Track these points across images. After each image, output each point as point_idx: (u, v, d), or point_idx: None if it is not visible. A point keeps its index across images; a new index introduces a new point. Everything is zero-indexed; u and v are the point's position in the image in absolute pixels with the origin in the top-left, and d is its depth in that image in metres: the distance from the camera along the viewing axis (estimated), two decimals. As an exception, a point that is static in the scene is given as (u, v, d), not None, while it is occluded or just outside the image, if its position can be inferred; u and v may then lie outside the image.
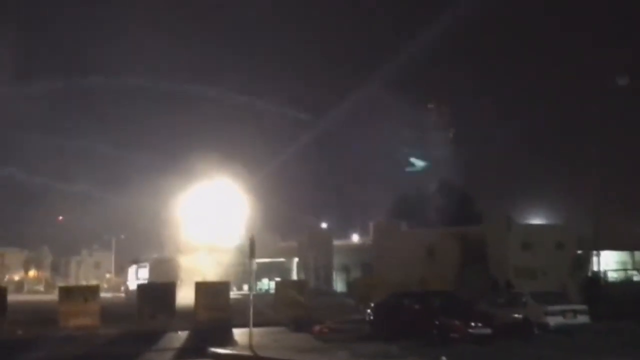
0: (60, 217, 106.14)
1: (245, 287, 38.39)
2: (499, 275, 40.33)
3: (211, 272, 59.95)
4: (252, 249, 21.32)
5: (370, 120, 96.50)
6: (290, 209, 76.54)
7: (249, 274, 23.11)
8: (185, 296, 32.50)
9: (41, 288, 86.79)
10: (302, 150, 79.24)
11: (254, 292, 23.78)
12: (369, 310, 24.92)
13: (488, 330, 21.49)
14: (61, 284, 48.26)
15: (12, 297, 33.13)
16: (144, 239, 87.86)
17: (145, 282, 44.38)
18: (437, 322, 21.55)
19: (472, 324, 21.54)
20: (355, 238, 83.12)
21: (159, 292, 32.00)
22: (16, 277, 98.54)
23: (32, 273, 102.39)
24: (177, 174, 73.50)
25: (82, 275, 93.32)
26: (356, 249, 73.72)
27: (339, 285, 70.06)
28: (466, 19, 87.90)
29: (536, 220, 55.95)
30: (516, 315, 23.99)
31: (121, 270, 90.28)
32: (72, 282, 78.60)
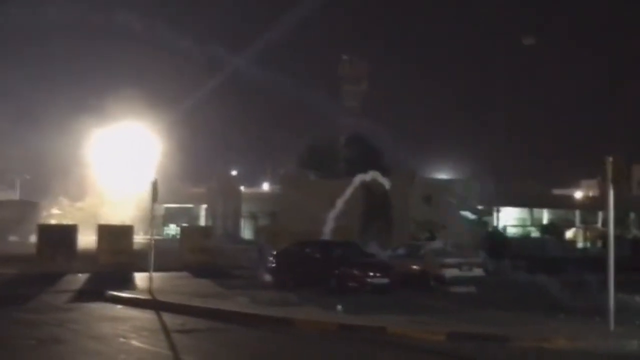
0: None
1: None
2: (400, 228, 41.20)
3: (117, 216, 59.32)
4: (154, 193, 21.16)
5: (286, 65, 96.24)
6: (201, 155, 75.96)
7: (155, 219, 22.98)
8: (89, 240, 32.21)
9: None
10: (216, 93, 78.51)
11: (160, 237, 23.71)
12: (271, 258, 25.12)
13: (386, 280, 22.03)
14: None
15: None
16: (51, 180, 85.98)
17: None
18: (336, 272, 21.95)
19: (371, 273, 22.04)
20: (265, 186, 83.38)
21: (59, 234, 31.59)
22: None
23: None
24: (89, 114, 71.93)
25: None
26: (265, 197, 74.04)
27: (246, 232, 70.35)
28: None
29: (441, 176, 57.25)
30: (414, 267, 24.66)
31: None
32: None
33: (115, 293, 20.16)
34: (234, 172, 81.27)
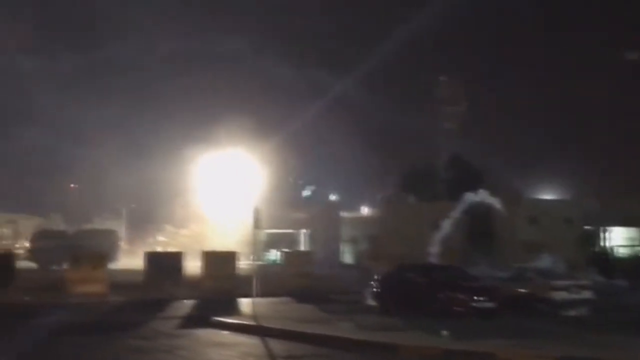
0: (73, 185, 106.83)
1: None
2: (505, 249, 40.42)
3: (222, 242, 60.28)
4: (257, 220, 21.43)
5: (384, 90, 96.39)
6: (302, 180, 76.58)
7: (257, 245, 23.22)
8: (193, 265, 32.81)
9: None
10: (314, 120, 79.08)
11: (262, 263, 23.93)
12: (373, 283, 25.02)
13: (492, 304, 21.60)
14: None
15: (22, 264, 33.45)
16: (156, 208, 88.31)
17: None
18: (440, 296, 21.66)
19: (476, 297, 21.65)
20: (364, 210, 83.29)
21: (166, 260, 32.32)
22: (27, 244, 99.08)
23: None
24: (190, 143, 73.76)
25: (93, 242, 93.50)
26: (365, 221, 73.91)
27: (347, 257, 70.37)
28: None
29: (545, 196, 55.97)
30: (520, 290, 24.10)
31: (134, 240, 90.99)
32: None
33: (221, 319, 20.41)
34: (333, 197, 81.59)
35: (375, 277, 25.56)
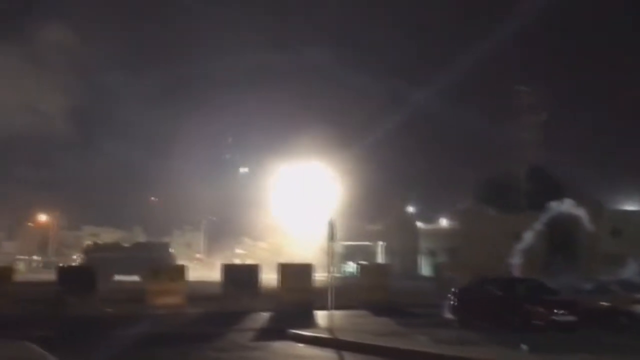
0: (153, 198, 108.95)
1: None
2: (587, 261, 39.49)
3: (298, 254, 60.50)
4: (331, 232, 21.39)
5: (463, 100, 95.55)
6: (377, 192, 76.38)
7: (334, 256, 23.13)
8: (270, 277, 32.97)
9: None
10: (394, 130, 78.93)
11: (339, 275, 23.86)
12: (450, 295, 24.70)
13: (572, 318, 21.06)
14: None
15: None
16: (233, 221, 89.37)
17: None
18: (519, 309, 21.23)
19: (556, 310, 21.14)
20: (443, 222, 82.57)
21: (243, 273, 32.59)
22: (81, 257, 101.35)
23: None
24: (269, 155, 74.47)
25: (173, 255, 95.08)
26: (443, 233, 73.30)
27: (425, 269, 69.82)
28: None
29: (628, 207, 54.49)
30: (602, 303, 23.43)
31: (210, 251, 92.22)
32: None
33: (297, 331, 20.41)
34: (410, 209, 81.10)
35: (453, 289, 25.23)
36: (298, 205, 72.16)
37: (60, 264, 33.06)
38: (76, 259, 69.27)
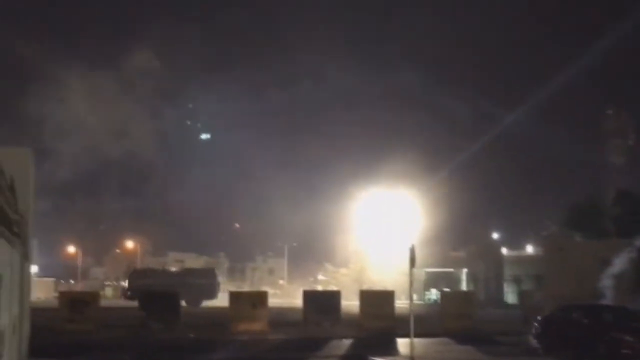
0: (237, 225, 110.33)
1: (414, 297, 38.52)
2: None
3: (380, 281, 60.23)
4: (412, 258, 21.22)
5: (549, 124, 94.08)
6: (461, 218, 75.69)
7: (416, 283, 22.92)
8: (352, 304, 32.89)
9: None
10: (476, 155, 78.23)
11: (421, 302, 23.62)
12: (535, 324, 24.13)
13: (664, 348, 20.27)
14: (235, 289, 49.81)
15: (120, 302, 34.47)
16: (316, 246, 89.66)
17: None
18: (606, 338, 20.56)
19: (645, 340, 20.39)
20: (529, 249, 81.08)
21: (324, 299, 32.56)
22: (124, 283, 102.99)
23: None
24: (352, 181, 74.60)
25: (256, 281, 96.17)
26: (528, 260, 71.92)
27: (510, 297, 68.51)
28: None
29: None
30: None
31: (293, 278, 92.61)
32: (247, 287, 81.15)
33: (378, 359, 20.26)
34: (495, 235, 79.92)
35: (538, 317, 24.66)
36: (380, 231, 71.92)
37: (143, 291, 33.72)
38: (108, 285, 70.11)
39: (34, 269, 63.30)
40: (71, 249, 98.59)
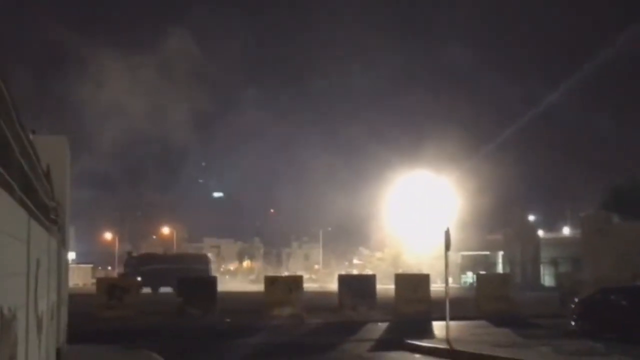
0: (273, 210, 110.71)
1: (450, 280, 38.69)
2: None
3: (415, 264, 60.14)
4: (447, 242, 21.10)
5: (588, 105, 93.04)
6: (498, 200, 75.07)
7: (452, 267, 22.81)
8: (388, 288, 32.90)
9: (254, 278, 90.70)
10: (514, 137, 77.51)
11: (457, 286, 23.52)
12: (573, 306, 23.94)
13: None
14: (271, 274, 50.00)
15: (224, 287, 34.81)
16: (350, 231, 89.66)
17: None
18: (646, 320, 20.34)
19: (686, 321, 20.14)
20: (566, 231, 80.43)
21: (360, 283, 32.62)
22: (231, 267, 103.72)
23: (245, 263, 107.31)
24: (388, 165, 74.34)
25: (292, 266, 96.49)
26: (565, 242, 71.34)
27: (547, 279, 68.07)
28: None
29: None
30: None
31: (328, 263, 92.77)
32: (283, 272, 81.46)
33: (414, 342, 20.21)
34: (531, 217, 79.28)
35: (577, 299, 24.46)
36: (416, 214, 71.70)
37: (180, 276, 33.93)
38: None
39: (71, 255, 64.18)
40: (108, 236, 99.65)
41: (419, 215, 70.13)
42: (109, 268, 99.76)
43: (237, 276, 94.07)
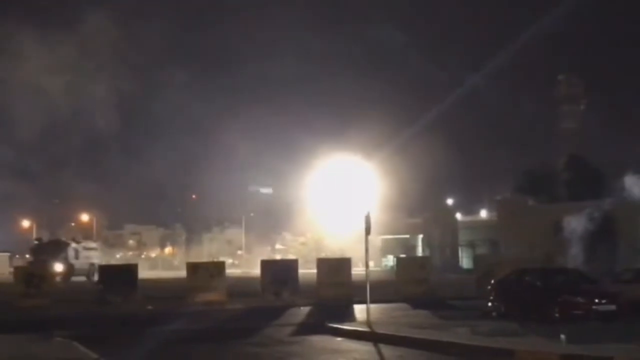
0: (194, 196, 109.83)
1: (371, 263, 39.03)
2: (628, 251, 38.98)
3: (336, 249, 60.62)
4: (367, 226, 21.43)
5: (501, 91, 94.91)
6: (416, 185, 76.02)
7: (373, 250, 23.15)
8: (310, 272, 33.15)
9: (176, 264, 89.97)
10: (431, 123, 78.40)
11: (378, 269, 23.86)
12: (490, 288, 24.62)
13: (613, 307, 20.84)
14: (193, 260, 49.62)
15: (146, 274, 34.56)
16: (273, 217, 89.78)
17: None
18: (559, 299, 21.07)
19: (596, 300, 20.94)
20: (483, 214, 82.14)
21: (282, 268, 32.78)
22: (152, 254, 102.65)
23: (167, 250, 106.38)
24: (309, 150, 74.49)
25: (214, 252, 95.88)
26: (483, 225, 72.95)
27: (465, 261, 69.46)
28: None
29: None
30: (643, 293, 23.09)
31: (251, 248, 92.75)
32: (205, 258, 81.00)
33: (335, 325, 20.50)
34: (450, 201, 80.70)
35: (493, 281, 25.15)
36: (337, 199, 72.18)
37: (101, 264, 33.53)
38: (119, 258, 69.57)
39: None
40: (26, 223, 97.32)
41: (341, 200, 70.64)
42: (27, 256, 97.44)
43: (158, 263, 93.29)
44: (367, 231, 21.49)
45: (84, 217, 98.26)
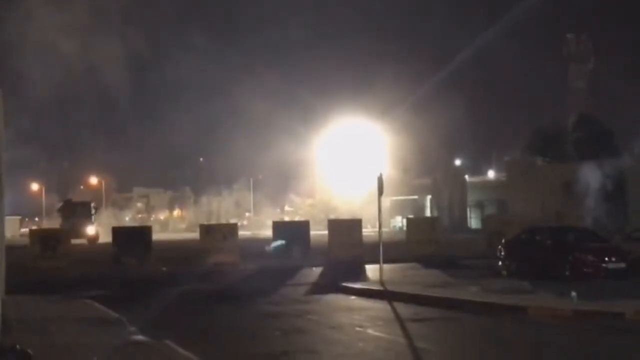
0: (202, 158, 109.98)
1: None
2: (637, 211, 39.10)
3: (347, 210, 60.90)
4: (380, 187, 21.63)
5: (510, 50, 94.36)
6: (425, 146, 75.98)
7: (382, 211, 23.32)
8: (321, 233, 33.42)
9: (184, 226, 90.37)
10: (440, 84, 78.09)
11: (387, 230, 24.08)
12: (500, 247, 24.84)
13: (622, 265, 21.08)
14: (203, 222, 49.93)
15: (157, 236, 34.81)
16: (282, 179, 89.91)
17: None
18: (569, 258, 21.31)
19: (606, 258, 21.17)
20: (491, 174, 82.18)
21: (293, 229, 33.08)
22: (161, 217, 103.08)
23: (176, 212, 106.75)
24: (318, 113, 74.45)
25: (223, 213, 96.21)
26: (491, 185, 73.07)
27: (473, 222, 69.72)
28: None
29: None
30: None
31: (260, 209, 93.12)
32: (213, 220, 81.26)
33: (349, 285, 20.81)
34: (458, 162, 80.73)
35: (503, 241, 25.37)
36: (346, 161, 72.36)
37: (115, 226, 33.72)
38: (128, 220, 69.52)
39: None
40: (35, 187, 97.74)
41: (349, 161, 70.81)
42: (36, 219, 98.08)
43: (168, 225, 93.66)
44: (380, 192, 21.70)
45: (93, 180, 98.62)
